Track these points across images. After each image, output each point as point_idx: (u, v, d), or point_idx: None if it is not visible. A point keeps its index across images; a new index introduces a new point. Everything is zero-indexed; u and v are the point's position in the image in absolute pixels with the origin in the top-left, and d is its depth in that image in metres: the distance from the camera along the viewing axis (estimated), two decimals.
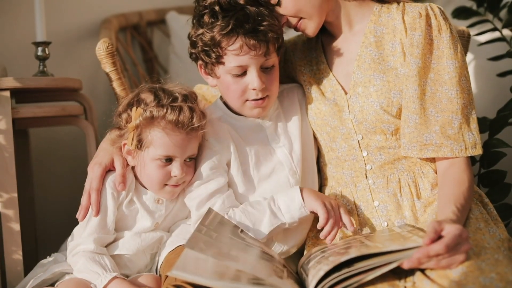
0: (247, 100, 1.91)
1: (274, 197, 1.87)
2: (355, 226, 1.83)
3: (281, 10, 1.91)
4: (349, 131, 1.94)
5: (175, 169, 1.84)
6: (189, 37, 1.96)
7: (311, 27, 1.95)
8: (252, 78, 1.87)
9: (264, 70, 1.90)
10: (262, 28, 1.84)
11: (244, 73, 1.88)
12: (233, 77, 1.89)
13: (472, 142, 1.82)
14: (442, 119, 1.82)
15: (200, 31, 1.88)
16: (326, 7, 1.94)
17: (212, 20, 1.85)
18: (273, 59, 1.92)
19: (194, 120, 1.82)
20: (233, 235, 1.71)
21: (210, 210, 1.77)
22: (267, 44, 1.86)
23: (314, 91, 2.02)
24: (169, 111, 1.80)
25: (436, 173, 1.88)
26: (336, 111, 1.96)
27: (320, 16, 1.93)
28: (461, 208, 1.72)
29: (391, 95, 1.88)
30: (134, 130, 1.81)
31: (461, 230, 1.51)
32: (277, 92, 1.97)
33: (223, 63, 1.88)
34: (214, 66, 1.91)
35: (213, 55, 1.87)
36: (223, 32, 1.82)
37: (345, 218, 1.82)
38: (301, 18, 1.93)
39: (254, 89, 1.88)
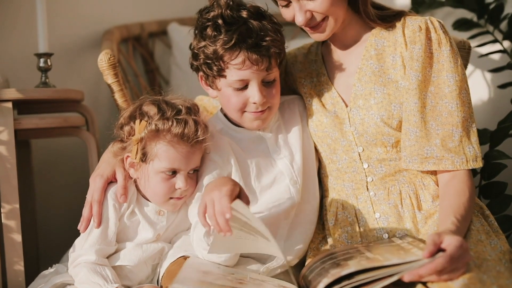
0: (245, 111, 1.92)
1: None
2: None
3: (315, 5, 1.84)
4: (350, 143, 1.95)
5: (180, 181, 1.84)
6: (191, 48, 1.96)
7: (329, 29, 1.91)
8: (253, 92, 1.88)
9: (265, 84, 1.90)
10: (265, 43, 1.85)
11: (245, 87, 1.89)
12: (234, 90, 1.89)
13: (473, 155, 1.82)
14: (442, 132, 1.83)
15: (203, 43, 1.88)
16: (346, 15, 1.93)
17: (215, 33, 1.85)
18: (275, 73, 1.92)
19: (199, 133, 1.82)
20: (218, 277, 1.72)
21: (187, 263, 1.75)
22: (269, 59, 1.86)
23: (315, 103, 2.03)
24: (174, 124, 1.80)
25: (437, 185, 1.88)
26: (337, 123, 1.96)
27: (341, 21, 1.92)
28: (461, 219, 1.72)
29: (392, 107, 1.88)
30: (138, 143, 1.82)
31: (461, 241, 1.51)
32: (278, 104, 1.98)
33: (224, 76, 1.88)
34: (216, 79, 1.91)
35: (215, 68, 1.87)
36: (226, 47, 1.83)
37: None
38: (325, 18, 1.89)
39: (254, 103, 1.89)
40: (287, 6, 1.88)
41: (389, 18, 1.95)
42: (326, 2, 1.84)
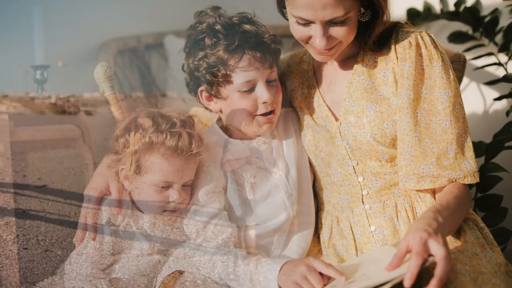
0: (256, 115, 1.93)
1: (259, 265, 1.77)
2: (342, 276, 1.64)
3: (341, 31, 1.80)
4: (343, 157, 1.94)
5: (173, 194, 1.84)
6: (187, 66, 1.98)
7: (338, 53, 1.89)
8: (262, 92, 1.89)
9: (268, 83, 1.92)
10: (265, 39, 1.89)
11: (251, 89, 1.90)
12: (241, 94, 1.90)
13: (470, 171, 1.80)
14: (438, 151, 1.81)
15: (202, 54, 1.90)
16: None
17: (215, 40, 1.87)
18: (275, 72, 1.95)
19: (193, 146, 1.83)
20: None
21: None
22: (271, 56, 1.90)
23: (306, 117, 2.03)
24: (168, 137, 1.81)
25: (434, 197, 1.87)
26: (328, 138, 1.96)
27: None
28: (441, 208, 1.70)
29: (384, 126, 1.87)
30: (132, 155, 1.82)
31: (419, 235, 1.54)
32: (281, 105, 2.00)
33: (231, 82, 1.89)
34: (220, 87, 1.92)
35: (219, 74, 1.88)
36: (230, 49, 1.85)
37: (329, 272, 1.66)
38: (338, 43, 1.86)
39: (264, 103, 1.90)
40: (305, 25, 1.81)
41: (383, 39, 1.92)
42: (349, 29, 1.81)
